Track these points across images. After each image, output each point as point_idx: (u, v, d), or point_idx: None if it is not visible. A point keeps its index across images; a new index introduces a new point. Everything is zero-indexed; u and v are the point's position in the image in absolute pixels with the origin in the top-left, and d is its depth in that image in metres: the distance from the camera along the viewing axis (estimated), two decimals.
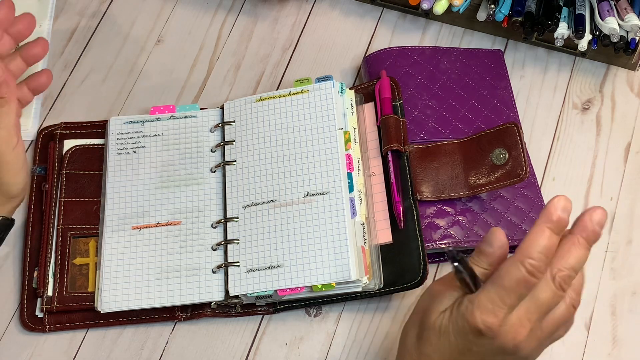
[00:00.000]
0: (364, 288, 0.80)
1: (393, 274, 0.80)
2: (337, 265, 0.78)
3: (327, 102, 0.85)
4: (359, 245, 0.80)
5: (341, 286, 0.79)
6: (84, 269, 0.84)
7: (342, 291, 0.80)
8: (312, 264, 0.79)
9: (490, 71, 0.92)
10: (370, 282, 0.80)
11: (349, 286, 0.79)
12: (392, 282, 0.80)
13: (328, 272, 0.78)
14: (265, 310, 0.83)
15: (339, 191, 0.81)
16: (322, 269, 0.79)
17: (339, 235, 0.79)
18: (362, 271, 0.79)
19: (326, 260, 0.79)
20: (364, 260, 0.80)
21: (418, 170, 0.85)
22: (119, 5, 0.99)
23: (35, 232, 0.86)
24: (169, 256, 0.83)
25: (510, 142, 0.84)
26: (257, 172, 0.84)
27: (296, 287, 0.79)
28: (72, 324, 0.82)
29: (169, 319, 0.83)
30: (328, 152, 0.83)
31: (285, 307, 0.82)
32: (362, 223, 0.82)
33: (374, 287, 0.80)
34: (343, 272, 0.78)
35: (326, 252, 0.79)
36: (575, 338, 0.82)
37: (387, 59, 0.92)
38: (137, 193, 0.86)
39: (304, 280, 0.79)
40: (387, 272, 0.81)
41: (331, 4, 0.99)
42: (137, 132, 0.88)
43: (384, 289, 0.80)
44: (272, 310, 0.83)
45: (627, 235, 0.86)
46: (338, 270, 0.78)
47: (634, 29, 0.86)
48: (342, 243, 0.79)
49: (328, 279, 0.78)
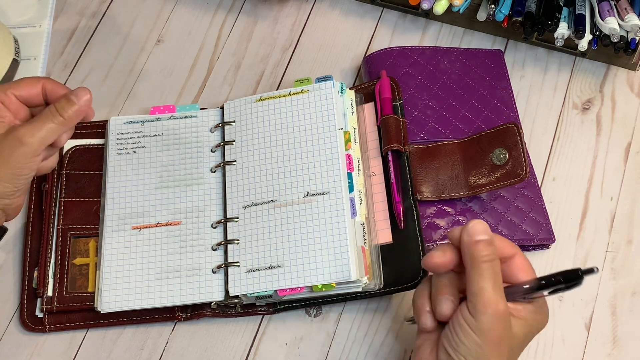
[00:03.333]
0: (364, 288, 0.80)
1: (393, 274, 0.80)
2: (337, 266, 0.78)
3: (327, 102, 0.85)
4: (359, 245, 0.80)
5: (341, 286, 0.79)
6: (84, 269, 0.84)
7: (342, 291, 0.80)
8: (312, 264, 0.79)
9: (490, 71, 0.92)
10: (371, 282, 0.80)
11: (349, 286, 0.79)
12: (392, 282, 0.80)
13: (328, 272, 0.78)
14: (265, 311, 0.83)
15: (339, 191, 0.81)
16: (322, 269, 0.79)
17: (339, 235, 0.79)
18: (362, 271, 0.79)
19: (326, 260, 0.79)
20: (364, 260, 0.80)
21: (418, 170, 0.85)
22: (119, 5, 0.99)
23: (35, 232, 0.86)
24: (169, 256, 0.83)
25: (511, 142, 0.84)
26: (257, 172, 0.84)
27: (296, 287, 0.79)
28: (72, 324, 0.82)
29: (169, 319, 0.83)
30: (328, 152, 0.83)
31: (285, 307, 0.82)
32: (362, 223, 0.82)
33: (374, 287, 0.80)
34: (343, 272, 0.78)
35: (326, 252, 0.79)
36: (575, 338, 0.82)
37: (388, 59, 0.92)
38: (137, 193, 0.86)
39: (304, 281, 0.79)
40: (387, 272, 0.81)
41: (331, 4, 0.99)
42: (137, 132, 0.88)
43: (384, 289, 0.80)
44: (272, 311, 0.83)
45: (627, 235, 0.86)
46: (338, 270, 0.78)
47: (634, 29, 0.86)
48: (342, 243, 0.79)
49: (328, 279, 0.78)
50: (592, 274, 0.64)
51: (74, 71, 0.95)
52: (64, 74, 0.95)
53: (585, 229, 0.86)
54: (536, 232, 0.84)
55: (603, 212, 0.87)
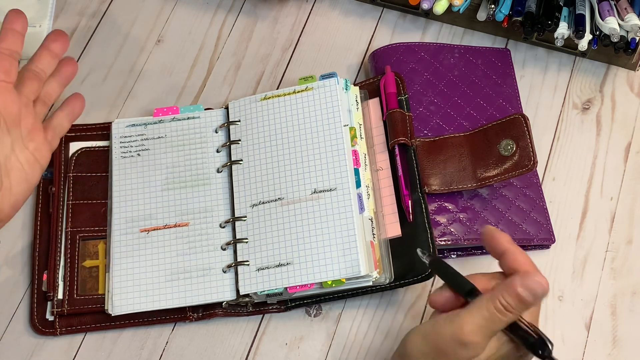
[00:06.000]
0: (374, 282, 0.80)
1: (403, 267, 0.80)
2: (347, 261, 0.79)
3: (332, 99, 0.85)
4: (367, 240, 0.80)
5: (351, 281, 0.79)
6: (93, 272, 0.84)
7: (352, 286, 0.80)
8: (322, 260, 0.79)
9: (497, 70, 0.92)
10: (381, 276, 0.80)
11: (359, 281, 0.79)
12: (402, 275, 0.80)
13: (337, 268, 0.79)
14: (277, 308, 0.83)
15: (346, 187, 0.81)
16: (332, 265, 0.79)
17: (348, 231, 0.79)
18: (371, 266, 0.79)
19: (335, 256, 0.79)
20: (373, 255, 0.80)
21: (425, 163, 0.85)
22: (119, 5, 0.99)
23: (43, 236, 0.85)
24: (179, 257, 0.83)
25: (518, 133, 0.84)
26: (263, 171, 0.84)
27: (306, 284, 0.79)
28: (83, 326, 0.82)
29: (181, 319, 0.82)
30: (334, 148, 0.83)
31: (296, 304, 0.82)
32: (371, 218, 0.82)
33: (385, 281, 0.80)
34: (352, 268, 0.78)
35: (335, 248, 0.79)
36: (575, 338, 0.82)
37: (394, 55, 0.92)
38: (144, 196, 0.86)
39: (314, 277, 0.79)
40: (397, 266, 0.81)
41: (331, 4, 0.99)
42: (140, 134, 0.88)
43: (394, 283, 0.80)
44: (284, 308, 0.83)
45: (627, 235, 0.86)
46: (347, 265, 0.78)
47: (634, 29, 0.86)
48: (350, 239, 0.79)
49: (338, 275, 0.78)
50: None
51: None
52: None
53: (585, 229, 0.87)
54: (536, 232, 0.84)
55: (603, 212, 0.87)
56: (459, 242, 0.83)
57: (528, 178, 0.87)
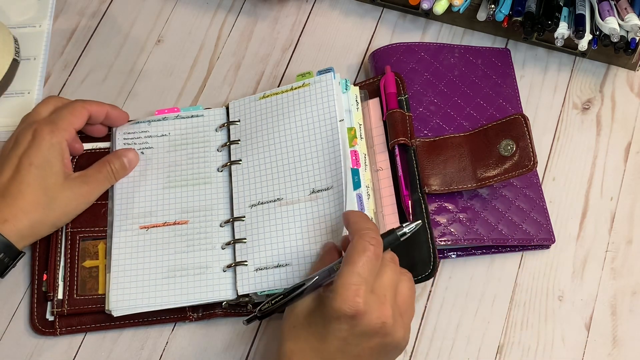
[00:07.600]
0: None
1: (404, 267, 0.80)
2: None
3: (328, 94, 0.85)
4: None
5: None
6: (93, 272, 0.84)
7: None
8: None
9: (497, 70, 0.92)
10: None
11: None
12: None
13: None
14: None
15: (341, 184, 0.81)
16: None
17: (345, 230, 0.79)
18: None
19: None
20: None
21: (425, 163, 0.85)
22: (119, 5, 0.99)
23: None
24: (177, 255, 0.83)
25: (518, 133, 0.84)
26: (262, 171, 0.84)
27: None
28: (83, 326, 0.82)
29: (181, 319, 0.82)
30: (330, 144, 0.83)
31: None
32: (371, 218, 0.82)
33: None
34: None
35: None
36: (575, 338, 0.82)
37: (394, 55, 0.92)
38: (145, 193, 0.86)
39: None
40: None
41: (331, 4, 0.99)
42: (143, 131, 0.89)
43: None
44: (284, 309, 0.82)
45: (627, 235, 0.86)
46: None
47: (634, 29, 0.86)
48: None
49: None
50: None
51: (74, 71, 0.95)
52: (64, 74, 0.95)
53: (585, 229, 0.86)
54: (536, 232, 0.84)
55: (603, 212, 0.87)
56: (459, 242, 0.83)
57: (528, 178, 0.87)
